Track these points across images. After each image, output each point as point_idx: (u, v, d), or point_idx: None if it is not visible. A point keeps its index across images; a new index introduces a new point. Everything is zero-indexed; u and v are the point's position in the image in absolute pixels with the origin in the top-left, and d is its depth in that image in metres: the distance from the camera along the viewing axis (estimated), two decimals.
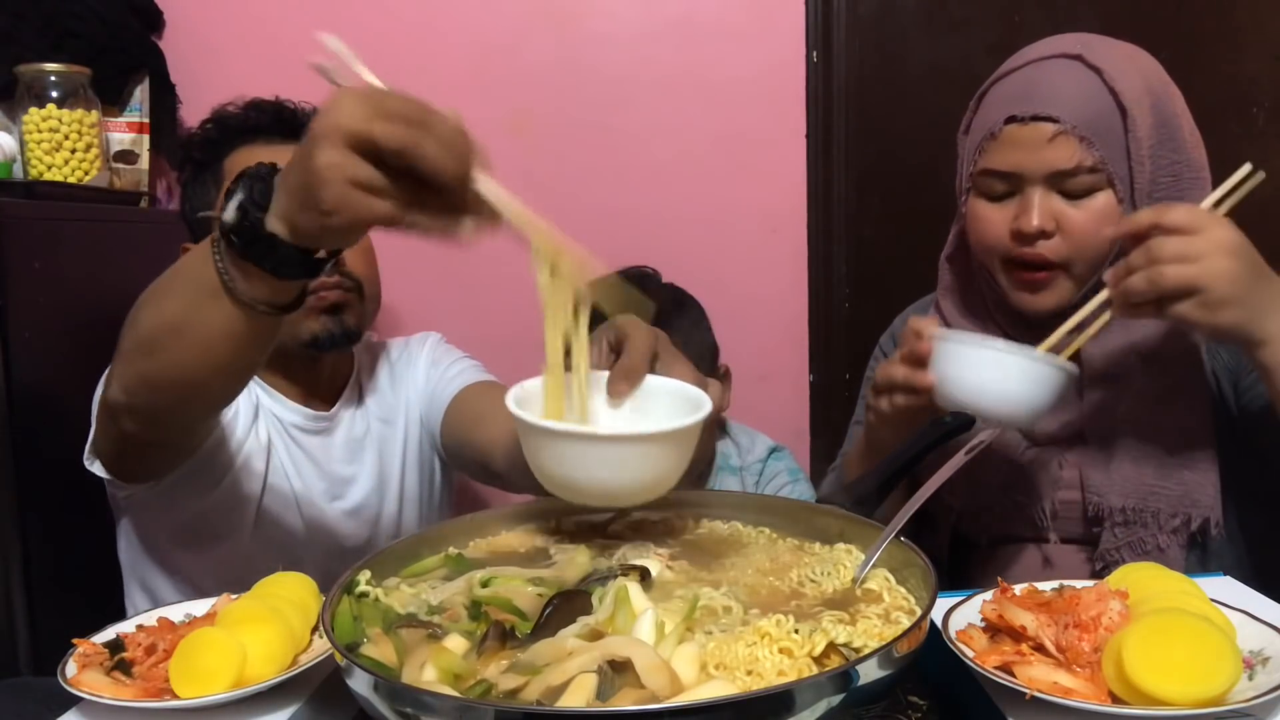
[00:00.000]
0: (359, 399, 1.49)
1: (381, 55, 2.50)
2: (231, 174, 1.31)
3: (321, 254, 0.82)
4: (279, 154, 1.28)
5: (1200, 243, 0.96)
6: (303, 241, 0.78)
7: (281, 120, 1.38)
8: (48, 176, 1.66)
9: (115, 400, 0.98)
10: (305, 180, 0.72)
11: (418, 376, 1.52)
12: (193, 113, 1.91)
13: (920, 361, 1.07)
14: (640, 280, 1.63)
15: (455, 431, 1.43)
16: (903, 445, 1.01)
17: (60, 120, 1.65)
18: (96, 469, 1.19)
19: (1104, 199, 1.13)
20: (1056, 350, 1.07)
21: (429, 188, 0.72)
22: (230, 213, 0.79)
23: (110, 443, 1.13)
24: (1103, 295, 1.05)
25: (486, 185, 0.75)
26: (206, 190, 1.38)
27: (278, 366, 1.40)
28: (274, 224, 0.77)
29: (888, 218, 2.07)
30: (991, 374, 1.03)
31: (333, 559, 1.38)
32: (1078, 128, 1.10)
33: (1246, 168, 1.04)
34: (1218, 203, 1.05)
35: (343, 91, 0.73)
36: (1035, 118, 1.11)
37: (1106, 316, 1.07)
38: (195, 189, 1.40)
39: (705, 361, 1.62)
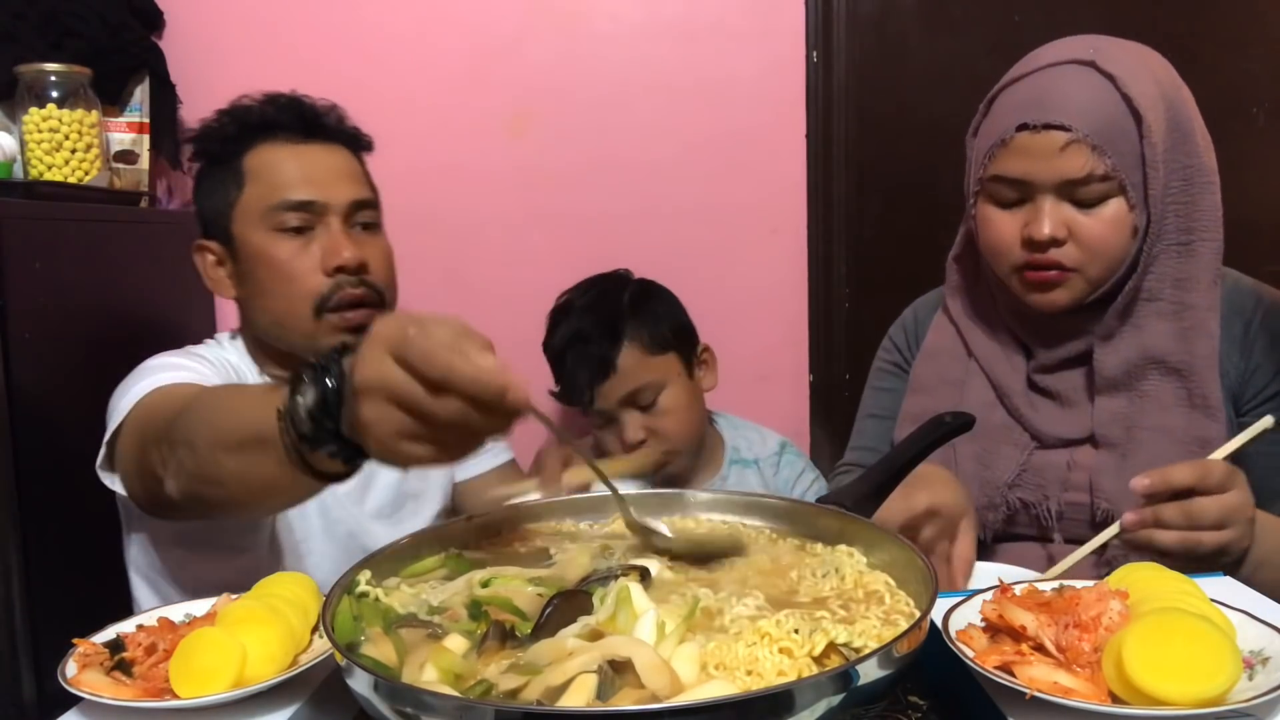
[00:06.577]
0: None
1: (382, 55, 2.50)
2: (252, 173, 1.31)
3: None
4: (300, 153, 1.33)
5: (1234, 510, 0.96)
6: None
7: (302, 117, 1.34)
8: (48, 176, 1.66)
9: (168, 498, 0.96)
10: (355, 425, 0.70)
11: None
12: (193, 113, 1.90)
13: None
14: (612, 280, 1.70)
15: (458, 494, 1.55)
16: (902, 445, 1.01)
17: (60, 120, 1.66)
18: (114, 485, 1.15)
19: (1115, 206, 1.12)
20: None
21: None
22: (304, 421, 0.74)
23: (145, 489, 1.05)
24: (1115, 529, 1.02)
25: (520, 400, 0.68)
26: (225, 188, 1.33)
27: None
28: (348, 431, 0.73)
29: (888, 218, 2.07)
30: None
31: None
32: (1090, 136, 1.09)
33: (1268, 421, 1.01)
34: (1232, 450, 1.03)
35: (373, 339, 0.68)
36: (1047, 126, 1.10)
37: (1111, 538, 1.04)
38: (211, 185, 1.34)
39: (682, 342, 1.66)
